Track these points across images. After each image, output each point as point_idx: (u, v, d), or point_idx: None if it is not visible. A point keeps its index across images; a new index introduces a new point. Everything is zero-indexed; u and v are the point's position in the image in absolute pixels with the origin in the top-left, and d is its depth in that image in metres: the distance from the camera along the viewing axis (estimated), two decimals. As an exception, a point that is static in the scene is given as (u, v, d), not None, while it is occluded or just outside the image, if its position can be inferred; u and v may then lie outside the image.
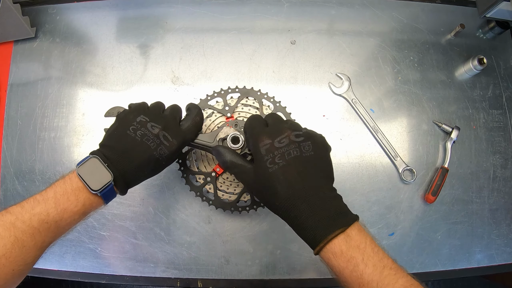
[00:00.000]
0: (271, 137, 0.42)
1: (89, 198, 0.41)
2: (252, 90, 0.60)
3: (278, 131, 0.42)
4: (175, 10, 0.72)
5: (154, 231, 0.64)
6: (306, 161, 0.40)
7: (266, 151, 0.41)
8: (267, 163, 0.40)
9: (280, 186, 0.39)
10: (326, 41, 0.71)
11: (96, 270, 0.63)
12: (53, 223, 0.39)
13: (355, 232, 0.37)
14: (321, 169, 0.41)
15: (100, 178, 0.40)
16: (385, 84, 0.70)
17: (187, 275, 0.63)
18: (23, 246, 0.37)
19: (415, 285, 0.35)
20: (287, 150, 0.40)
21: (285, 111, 0.60)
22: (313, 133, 0.44)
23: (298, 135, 0.42)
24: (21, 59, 0.70)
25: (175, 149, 0.45)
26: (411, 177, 0.66)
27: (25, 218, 0.38)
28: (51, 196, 0.39)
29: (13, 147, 0.67)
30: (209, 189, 0.57)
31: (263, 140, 0.42)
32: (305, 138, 0.42)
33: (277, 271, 0.63)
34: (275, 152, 0.40)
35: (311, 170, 0.40)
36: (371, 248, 0.36)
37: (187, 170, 0.57)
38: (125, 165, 0.42)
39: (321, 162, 0.42)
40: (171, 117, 0.47)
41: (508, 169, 0.68)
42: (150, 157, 0.43)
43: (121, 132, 0.44)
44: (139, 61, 0.70)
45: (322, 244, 0.37)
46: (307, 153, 0.41)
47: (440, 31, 0.73)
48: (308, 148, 0.41)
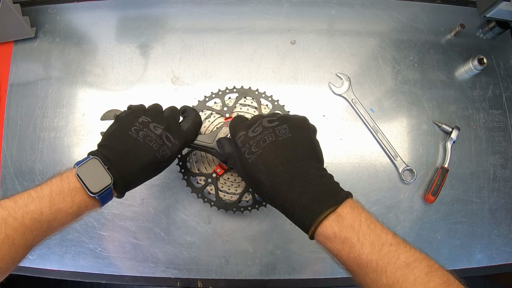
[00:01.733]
0: (246, 128, 0.41)
1: (85, 200, 0.39)
2: (250, 89, 0.60)
3: (253, 122, 0.42)
4: (175, 10, 0.72)
5: (154, 231, 0.64)
6: (284, 144, 0.39)
7: (242, 143, 0.40)
8: (246, 154, 0.39)
9: (261, 174, 0.38)
10: (326, 41, 0.71)
11: (96, 270, 0.63)
12: (45, 223, 0.37)
13: (347, 210, 0.35)
14: (303, 150, 0.39)
15: (99, 181, 0.39)
16: (385, 84, 0.70)
17: (187, 275, 0.63)
18: (13, 244, 0.35)
19: (419, 259, 0.32)
20: (262, 138, 0.39)
21: (283, 110, 0.60)
22: (290, 116, 0.42)
23: (271, 121, 0.41)
24: (21, 59, 0.70)
25: (177, 150, 0.45)
26: (411, 177, 0.66)
27: (17, 215, 0.36)
28: (47, 194, 0.37)
29: (13, 147, 0.67)
30: (210, 190, 0.57)
31: (238, 133, 0.41)
32: (279, 122, 0.40)
33: (277, 271, 0.63)
34: (250, 141, 0.40)
35: (291, 153, 0.38)
36: (367, 226, 0.34)
37: (188, 172, 0.57)
38: (127, 167, 0.41)
39: (302, 143, 0.39)
40: (172, 118, 0.47)
41: (508, 169, 0.68)
42: (153, 158, 0.43)
43: (122, 133, 0.43)
44: (139, 61, 0.70)
45: (313, 228, 0.35)
46: (283, 136, 0.39)
47: (440, 31, 0.73)
48: (284, 131, 0.39)
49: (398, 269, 0.32)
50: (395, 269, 0.32)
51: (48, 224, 0.37)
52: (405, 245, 0.34)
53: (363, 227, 0.34)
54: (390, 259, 0.32)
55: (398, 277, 0.31)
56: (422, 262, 0.32)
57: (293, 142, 0.39)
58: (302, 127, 0.41)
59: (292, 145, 0.39)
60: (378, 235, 0.33)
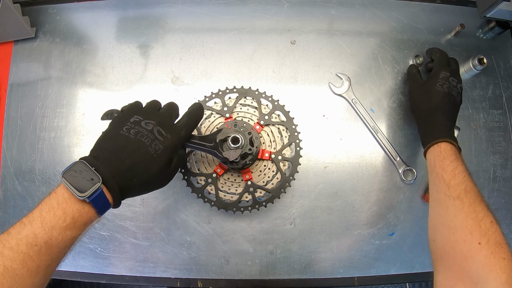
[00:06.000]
0: (451, 73, 0.59)
1: (78, 209, 0.37)
2: (250, 89, 0.60)
3: (456, 74, 0.60)
4: (175, 10, 0.72)
5: (154, 231, 0.64)
6: (455, 99, 0.58)
7: (442, 78, 0.58)
8: (438, 84, 0.57)
9: (435, 99, 0.57)
10: (326, 41, 0.71)
11: (96, 270, 0.63)
12: (43, 245, 0.35)
13: (458, 152, 0.53)
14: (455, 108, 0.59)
15: (86, 183, 0.37)
16: (385, 84, 0.70)
17: (187, 275, 0.63)
18: (15, 275, 0.34)
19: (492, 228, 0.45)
20: (453, 87, 0.58)
21: (283, 109, 0.60)
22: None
23: (454, 80, 0.59)
24: (21, 59, 0.70)
25: (170, 144, 0.43)
26: (411, 177, 0.66)
27: (12, 245, 0.35)
28: (37, 215, 0.36)
29: (13, 147, 0.67)
30: (210, 190, 0.57)
31: (445, 71, 0.59)
32: (458, 81, 0.59)
33: (277, 271, 0.63)
34: (445, 82, 0.57)
35: (454, 107, 0.58)
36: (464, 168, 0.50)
37: (188, 172, 0.57)
38: (117, 165, 0.39)
39: (458, 106, 0.59)
40: (167, 114, 0.46)
41: (508, 169, 0.68)
42: (145, 153, 0.41)
43: (114, 133, 0.43)
44: (139, 61, 0.70)
45: (437, 141, 0.53)
46: (457, 98, 0.58)
47: (440, 31, 0.73)
48: (457, 93, 0.58)
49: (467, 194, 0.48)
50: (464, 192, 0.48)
51: (46, 245, 0.36)
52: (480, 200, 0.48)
53: (463, 166, 0.51)
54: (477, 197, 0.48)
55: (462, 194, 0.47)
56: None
57: (458, 102, 0.59)
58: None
59: (457, 103, 0.59)
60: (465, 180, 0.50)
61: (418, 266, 0.65)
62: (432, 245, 0.50)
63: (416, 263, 0.65)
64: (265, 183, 0.58)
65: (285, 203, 0.64)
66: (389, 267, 0.64)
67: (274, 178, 0.59)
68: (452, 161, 0.51)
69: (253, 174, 0.58)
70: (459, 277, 0.43)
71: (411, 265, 0.65)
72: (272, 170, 0.59)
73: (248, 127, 0.55)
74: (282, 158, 0.58)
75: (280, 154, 0.58)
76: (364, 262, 0.64)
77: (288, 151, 0.59)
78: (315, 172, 0.66)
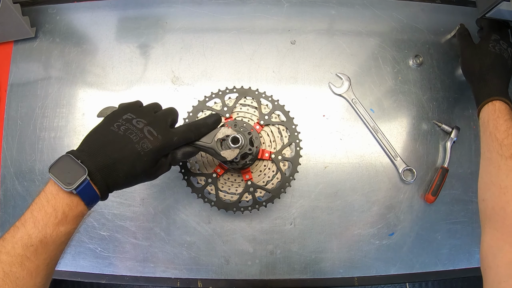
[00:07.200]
0: (501, 36, 0.60)
1: (67, 204, 0.37)
2: (250, 89, 0.60)
3: (506, 38, 0.61)
4: (175, 10, 0.72)
5: (154, 231, 0.64)
6: (506, 61, 0.58)
7: (494, 40, 0.59)
8: (490, 45, 0.58)
9: (488, 59, 0.58)
10: (326, 41, 0.71)
11: (96, 270, 0.63)
12: (38, 244, 0.36)
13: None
14: (507, 70, 0.58)
15: (73, 175, 0.37)
16: (385, 84, 0.70)
17: (187, 275, 0.63)
18: (16, 278, 0.35)
19: None
20: (504, 49, 0.58)
21: (283, 109, 0.60)
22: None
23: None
24: (21, 59, 0.70)
25: (160, 145, 0.43)
26: (411, 177, 0.66)
27: (8, 249, 0.35)
28: (29, 217, 0.37)
29: (13, 147, 0.67)
30: (210, 191, 0.57)
31: (495, 34, 0.60)
32: (510, 48, 0.59)
33: (277, 271, 0.63)
34: (496, 44, 0.59)
35: (506, 68, 0.58)
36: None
37: (188, 172, 0.57)
38: (103, 158, 0.39)
39: (510, 68, 0.58)
40: (162, 117, 0.46)
41: (508, 169, 0.68)
42: (132, 150, 0.41)
43: (104, 129, 0.43)
44: (139, 61, 0.70)
45: (492, 99, 0.53)
46: (508, 61, 0.58)
47: (440, 31, 0.73)
48: (509, 55, 0.59)
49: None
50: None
51: (41, 244, 0.36)
52: None
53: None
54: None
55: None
56: None
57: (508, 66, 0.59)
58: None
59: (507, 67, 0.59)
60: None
61: (418, 266, 0.65)
62: (482, 204, 0.49)
63: (416, 263, 0.65)
64: (265, 183, 0.58)
65: (285, 203, 0.64)
66: (389, 267, 0.65)
67: (274, 178, 0.59)
68: (506, 120, 0.50)
69: (253, 174, 0.58)
70: (508, 239, 0.42)
71: (411, 265, 0.65)
72: (272, 170, 0.59)
73: (248, 127, 0.55)
74: (282, 158, 0.58)
75: (280, 154, 0.58)
76: (364, 262, 0.64)
77: (288, 151, 0.59)
78: (315, 172, 0.66)
